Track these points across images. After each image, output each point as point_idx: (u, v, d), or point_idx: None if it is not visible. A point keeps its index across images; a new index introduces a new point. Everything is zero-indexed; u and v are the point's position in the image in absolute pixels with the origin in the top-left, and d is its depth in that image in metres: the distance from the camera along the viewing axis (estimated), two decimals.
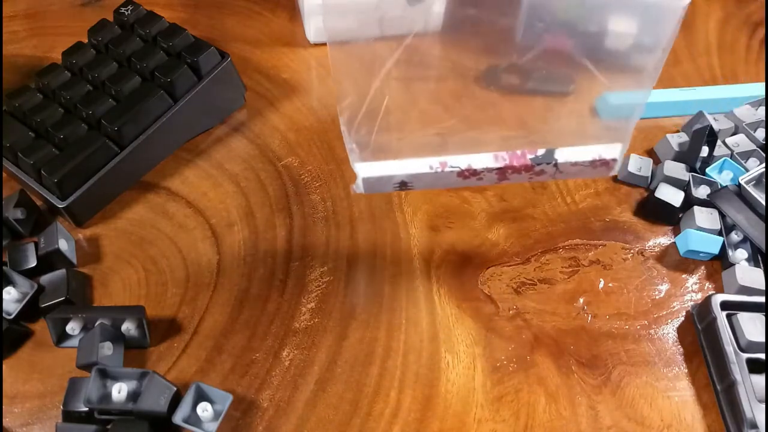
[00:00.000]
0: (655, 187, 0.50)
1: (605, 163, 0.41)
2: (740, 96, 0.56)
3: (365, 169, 0.40)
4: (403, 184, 0.41)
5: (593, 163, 0.41)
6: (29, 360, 0.41)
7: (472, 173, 0.40)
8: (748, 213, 0.47)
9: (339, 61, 0.37)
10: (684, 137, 0.53)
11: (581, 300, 0.45)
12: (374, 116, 0.39)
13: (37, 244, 0.44)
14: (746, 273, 0.45)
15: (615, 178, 0.52)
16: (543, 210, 0.50)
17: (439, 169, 0.40)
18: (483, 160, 0.40)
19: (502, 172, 0.41)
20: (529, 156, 0.40)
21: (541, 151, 0.40)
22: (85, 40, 0.53)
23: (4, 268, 0.43)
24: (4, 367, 0.41)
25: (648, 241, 0.48)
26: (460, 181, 0.41)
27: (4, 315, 0.41)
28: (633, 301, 0.45)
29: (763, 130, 0.53)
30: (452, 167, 0.40)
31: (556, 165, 0.40)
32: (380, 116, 0.39)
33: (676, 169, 0.50)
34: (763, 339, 0.40)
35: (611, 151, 0.40)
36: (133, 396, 0.37)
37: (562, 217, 0.49)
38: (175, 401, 0.38)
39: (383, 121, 0.39)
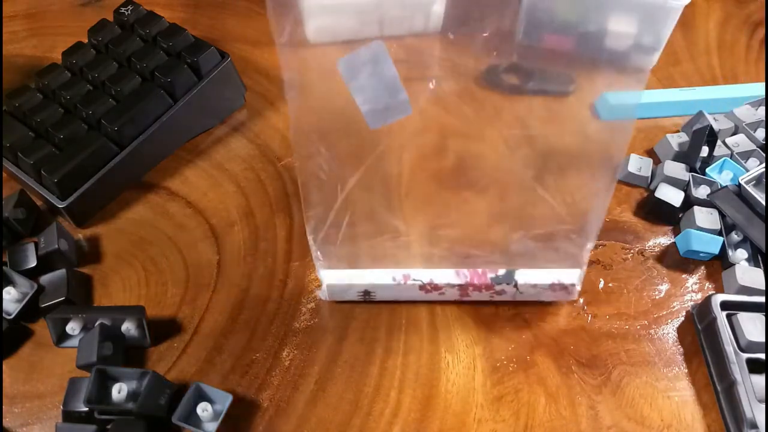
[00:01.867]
0: (655, 187, 0.50)
1: (564, 288, 0.42)
2: (740, 96, 0.56)
3: (330, 277, 0.42)
4: (366, 293, 0.43)
5: (552, 287, 0.42)
6: (29, 360, 0.41)
7: (434, 287, 0.42)
8: (748, 213, 0.47)
9: (307, 174, 0.39)
10: (684, 137, 0.53)
11: (581, 300, 0.45)
12: (340, 225, 0.41)
13: (37, 244, 0.44)
14: (746, 273, 0.45)
15: (615, 179, 0.52)
16: (543, 209, 0.50)
17: (402, 282, 0.42)
18: (444, 276, 0.42)
19: (463, 289, 0.42)
20: (490, 275, 0.41)
21: (501, 271, 0.42)
22: (85, 40, 0.53)
23: (4, 268, 0.43)
24: (4, 367, 0.41)
25: (648, 241, 0.48)
26: (422, 294, 0.43)
27: (4, 315, 0.41)
28: (633, 301, 0.45)
29: (763, 130, 0.53)
30: (414, 280, 0.42)
31: (516, 286, 0.42)
32: (344, 226, 0.41)
33: (676, 169, 0.50)
34: (763, 339, 0.40)
35: (570, 276, 0.42)
36: (133, 396, 0.37)
37: (563, 217, 0.49)
38: (175, 401, 0.38)
39: (349, 230, 0.41)
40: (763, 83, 0.59)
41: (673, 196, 0.49)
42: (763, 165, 0.49)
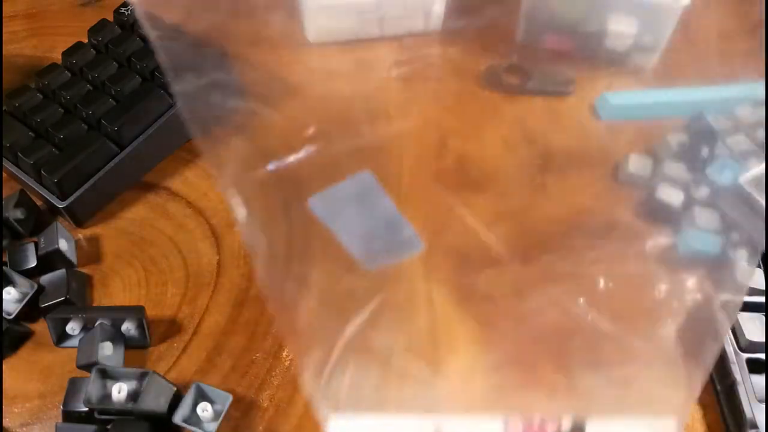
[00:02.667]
0: (655, 187, 0.50)
1: None
2: (740, 96, 0.56)
3: (339, 427, 0.34)
4: None
5: None
6: (29, 360, 0.41)
7: None
8: (748, 213, 0.47)
9: (286, 326, 0.32)
10: (684, 137, 0.53)
11: (581, 300, 0.45)
12: (346, 364, 0.34)
13: (37, 244, 0.44)
14: (746, 273, 0.45)
15: (615, 179, 0.52)
16: (543, 210, 0.50)
17: None
18: (490, 430, 0.33)
19: None
20: None
21: (566, 426, 0.32)
22: (85, 40, 0.53)
23: (4, 268, 0.43)
24: (4, 367, 0.41)
25: (648, 241, 0.48)
26: None
27: (4, 315, 0.41)
28: (633, 301, 0.45)
29: (763, 130, 0.53)
30: None
31: None
32: (352, 370, 0.34)
33: (676, 169, 0.50)
34: (763, 339, 0.40)
35: (663, 428, 0.32)
36: (133, 396, 0.37)
37: (563, 217, 0.49)
38: (175, 401, 0.38)
39: (358, 372, 0.34)
40: (764, 83, 0.58)
41: (673, 196, 0.48)
42: (763, 165, 0.49)
